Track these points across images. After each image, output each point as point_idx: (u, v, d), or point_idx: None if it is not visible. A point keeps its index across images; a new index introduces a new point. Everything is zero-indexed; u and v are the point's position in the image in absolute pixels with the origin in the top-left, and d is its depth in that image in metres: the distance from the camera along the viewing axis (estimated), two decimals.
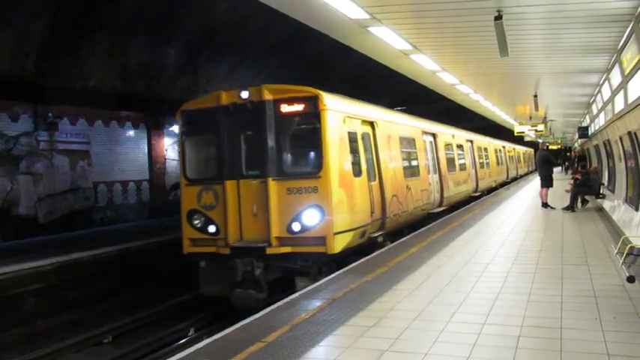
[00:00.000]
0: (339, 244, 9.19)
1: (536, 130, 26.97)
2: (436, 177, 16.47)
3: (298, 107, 9.36)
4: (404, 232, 12.88)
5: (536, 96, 17.37)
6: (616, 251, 7.27)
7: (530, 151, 55.05)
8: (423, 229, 13.52)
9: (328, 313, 6.34)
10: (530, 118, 26.06)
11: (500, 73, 14.22)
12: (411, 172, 14.06)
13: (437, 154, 16.97)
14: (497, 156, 31.17)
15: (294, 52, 21.56)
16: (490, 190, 26.73)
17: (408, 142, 14.19)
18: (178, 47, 18.44)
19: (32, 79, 15.23)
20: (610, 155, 16.21)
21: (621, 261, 6.49)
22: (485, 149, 27.37)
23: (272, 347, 5.26)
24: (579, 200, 16.63)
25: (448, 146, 18.90)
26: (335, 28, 9.29)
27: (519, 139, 37.13)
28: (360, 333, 5.51)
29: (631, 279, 6.02)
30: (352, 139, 10.24)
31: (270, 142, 9.40)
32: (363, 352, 5.00)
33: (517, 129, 28.25)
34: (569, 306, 6.14)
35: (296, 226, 9.15)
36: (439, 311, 6.16)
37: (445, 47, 10.86)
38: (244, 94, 9.53)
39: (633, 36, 8.34)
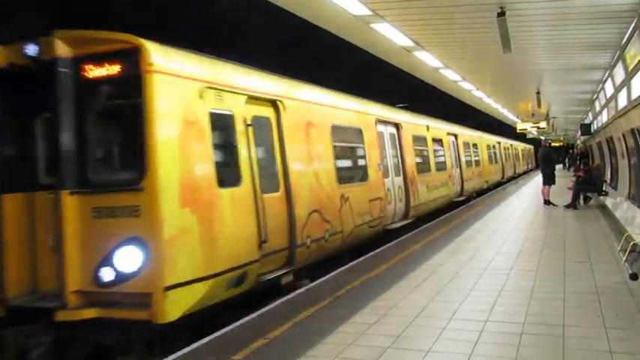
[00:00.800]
0: (176, 307, 5.54)
1: (538, 128, 26.93)
2: (399, 180, 13.04)
3: (111, 69, 5.82)
4: (344, 258, 9.55)
5: (538, 93, 17.35)
6: (619, 249, 7.27)
7: (530, 147, 52.80)
8: (424, 226, 13.51)
9: (330, 310, 6.34)
10: (533, 115, 26.02)
11: (502, 70, 14.20)
12: (352, 175, 10.67)
13: (401, 151, 13.50)
14: (490, 153, 28.06)
15: (296, 50, 21.55)
16: (481, 193, 23.83)
17: (348, 134, 10.70)
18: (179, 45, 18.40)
19: None
20: (613, 152, 16.18)
21: (624, 258, 6.48)
22: (475, 145, 24.20)
23: (275, 344, 5.27)
24: (581, 197, 16.60)
25: (419, 141, 15.20)
26: (338, 24, 9.27)
27: (520, 136, 36.38)
28: (363, 330, 5.51)
29: (634, 276, 6.02)
30: (222, 125, 6.67)
31: (66, 128, 5.88)
32: (365, 349, 5.00)
33: (519, 126, 28.22)
34: (572, 303, 6.14)
35: (107, 274, 5.65)
36: (441, 308, 6.16)
37: (448, 44, 10.84)
38: (31, 49, 5.89)
39: (637, 32, 8.31)
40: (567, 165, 41.33)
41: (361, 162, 11.18)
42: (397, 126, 13.61)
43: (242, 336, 5.54)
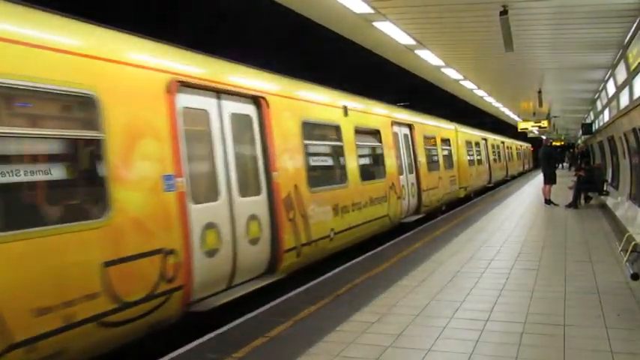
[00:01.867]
0: None
1: (539, 127, 26.89)
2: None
3: None
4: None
5: (540, 92, 17.30)
6: (620, 248, 7.27)
7: (527, 146, 49.91)
8: (428, 223, 13.51)
9: (331, 308, 6.33)
10: (534, 114, 25.97)
11: (504, 69, 14.15)
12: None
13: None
14: (472, 152, 22.96)
15: (296, 47, 21.55)
16: (454, 204, 18.38)
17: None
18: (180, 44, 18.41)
19: None
20: (614, 152, 16.15)
21: (625, 258, 6.48)
22: (446, 141, 18.75)
23: (275, 342, 5.26)
24: (582, 197, 16.58)
25: (319, 132, 9.76)
26: (339, 22, 9.24)
27: (517, 133, 35.25)
28: (363, 329, 5.50)
29: (635, 276, 6.01)
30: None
31: None
32: (366, 347, 4.99)
33: (520, 125, 28.18)
34: (573, 303, 6.13)
35: None
36: (442, 307, 6.15)
37: (450, 42, 10.80)
38: None
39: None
40: (568, 164, 41.25)
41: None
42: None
43: (242, 334, 5.53)
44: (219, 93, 6.78)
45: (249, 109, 7.44)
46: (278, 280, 7.35)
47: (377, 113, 12.40)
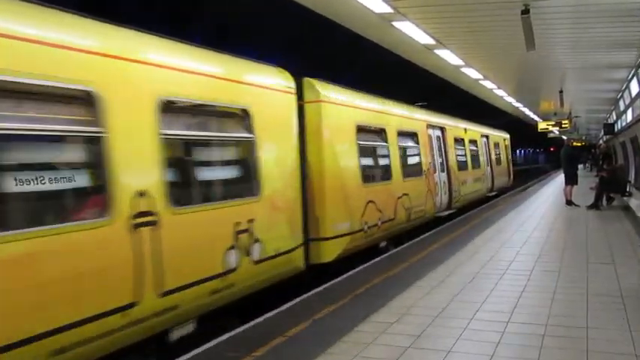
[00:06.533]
0: None
1: (560, 127, 26.58)
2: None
3: None
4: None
5: (561, 91, 17.12)
6: None
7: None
8: (444, 225, 13.43)
9: (349, 308, 6.32)
10: (555, 114, 25.70)
11: (525, 69, 14.04)
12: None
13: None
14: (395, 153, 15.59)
15: (310, 46, 21.52)
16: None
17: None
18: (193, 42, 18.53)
19: None
20: (637, 152, 15.91)
21: None
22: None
23: (294, 342, 5.26)
24: (604, 198, 16.34)
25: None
26: (358, 22, 9.24)
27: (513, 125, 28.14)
28: (382, 329, 5.48)
29: None
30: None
31: None
32: (385, 348, 4.97)
33: (541, 125, 27.91)
34: (596, 305, 6.04)
35: None
36: (461, 309, 6.10)
37: (470, 42, 10.75)
38: None
39: None
40: (590, 165, 40.60)
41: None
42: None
43: (261, 333, 5.55)
44: None
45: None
46: (295, 281, 7.55)
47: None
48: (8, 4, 4.17)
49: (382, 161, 11.06)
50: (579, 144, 44.83)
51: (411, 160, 12.70)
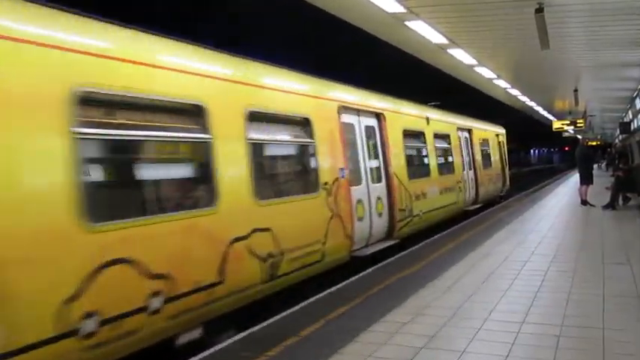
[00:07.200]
0: None
1: (575, 126, 26.34)
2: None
3: None
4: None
5: (576, 90, 16.97)
6: None
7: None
8: (457, 226, 13.37)
9: (363, 308, 6.32)
10: (570, 113, 25.49)
11: (540, 67, 13.93)
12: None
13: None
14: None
15: (321, 46, 21.52)
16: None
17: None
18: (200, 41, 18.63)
19: None
20: None
21: None
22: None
23: (307, 341, 5.27)
24: (621, 198, 16.16)
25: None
26: (370, 22, 9.23)
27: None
28: (396, 329, 5.47)
29: None
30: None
31: None
32: (398, 348, 4.97)
33: (555, 124, 27.70)
34: (612, 306, 5.97)
35: None
36: (476, 309, 6.07)
37: (483, 41, 10.70)
38: None
39: None
40: (605, 165, 40.13)
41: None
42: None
43: (275, 333, 5.57)
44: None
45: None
46: (308, 281, 7.55)
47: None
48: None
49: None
50: (594, 143, 44.37)
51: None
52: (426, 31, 9.30)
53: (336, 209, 8.26)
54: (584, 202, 16.18)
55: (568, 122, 26.23)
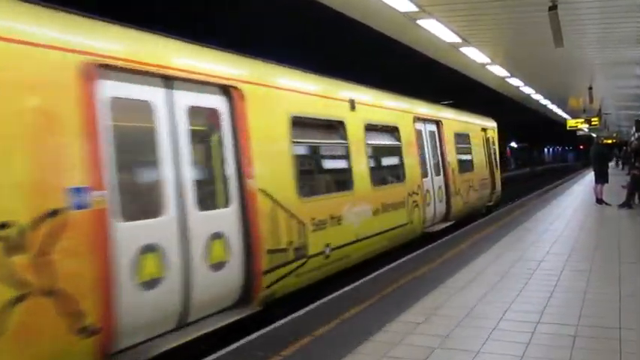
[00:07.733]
0: None
1: (590, 124, 26.10)
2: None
3: None
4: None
5: (591, 88, 16.82)
6: None
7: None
8: (471, 225, 13.30)
9: (377, 308, 6.31)
10: (584, 111, 25.25)
11: (553, 65, 13.82)
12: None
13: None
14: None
15: (332, 46, 21.53)
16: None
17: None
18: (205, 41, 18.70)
19: None
20: None
21: None
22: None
23: (321, 341, 5.28)
24: (637, 196, 15.98)
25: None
26: (383, 21, 9.21)
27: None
28: (410, 330, 5.46)
29: None
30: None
31: None
32: (413, 348, 4.96)
33: (570, 122, 27.48)
34: (628, 306, 5.92)
35: None
36: (490, 309, 6.04)
37: (497, 39, 10.64)
38: None
39: None
40: (621, 163, 39.64)
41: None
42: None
43: (289, 333, 5.58)
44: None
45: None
46: (325, 280, 7.76)
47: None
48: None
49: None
50: (610, 141, 43.89)
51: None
52: (439, 30, 9.27)
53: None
54: (599, 201, 16.03)
55: (582, 120, 25.99)
